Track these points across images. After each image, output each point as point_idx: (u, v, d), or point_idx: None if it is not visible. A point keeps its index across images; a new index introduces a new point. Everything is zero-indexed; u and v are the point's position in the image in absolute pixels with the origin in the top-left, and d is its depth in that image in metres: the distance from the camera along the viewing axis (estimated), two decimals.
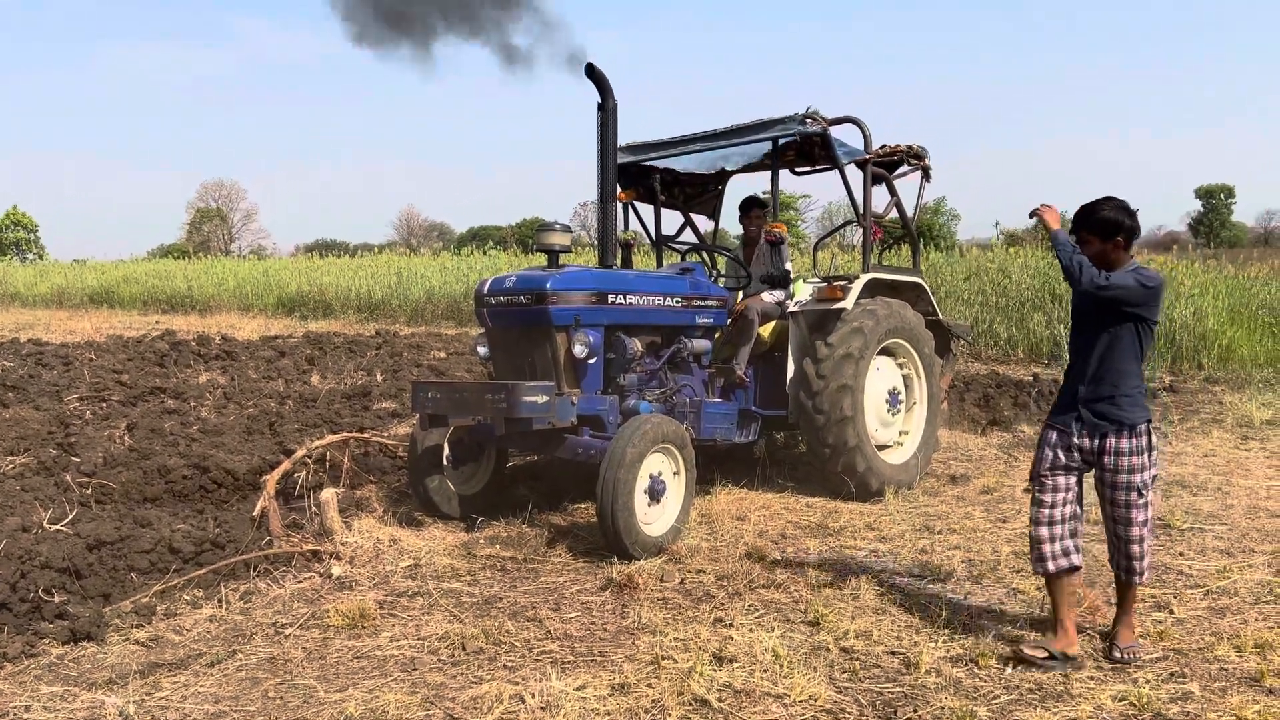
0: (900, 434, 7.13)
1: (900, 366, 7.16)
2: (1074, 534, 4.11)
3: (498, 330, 5.90)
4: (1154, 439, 4.02)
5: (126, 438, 8.05)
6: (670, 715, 3.50)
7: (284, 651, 4.11)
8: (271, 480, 5.62)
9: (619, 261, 6.36)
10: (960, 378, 12.11)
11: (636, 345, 6.00)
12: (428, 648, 4.15)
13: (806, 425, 6.53)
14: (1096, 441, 4.04)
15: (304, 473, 6.29)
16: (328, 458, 6.61)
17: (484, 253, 29.55)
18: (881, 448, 6.88)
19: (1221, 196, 75.56)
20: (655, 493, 5.42)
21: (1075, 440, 4.08)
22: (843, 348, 6.43)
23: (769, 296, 7.15)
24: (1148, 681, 3.79)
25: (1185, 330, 13.99)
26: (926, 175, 7.43)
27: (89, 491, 6.34)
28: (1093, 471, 4.12)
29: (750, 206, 7.58)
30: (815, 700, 3.63)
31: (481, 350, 6.09)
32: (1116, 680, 3.81)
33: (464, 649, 4.12)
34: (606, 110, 6.01)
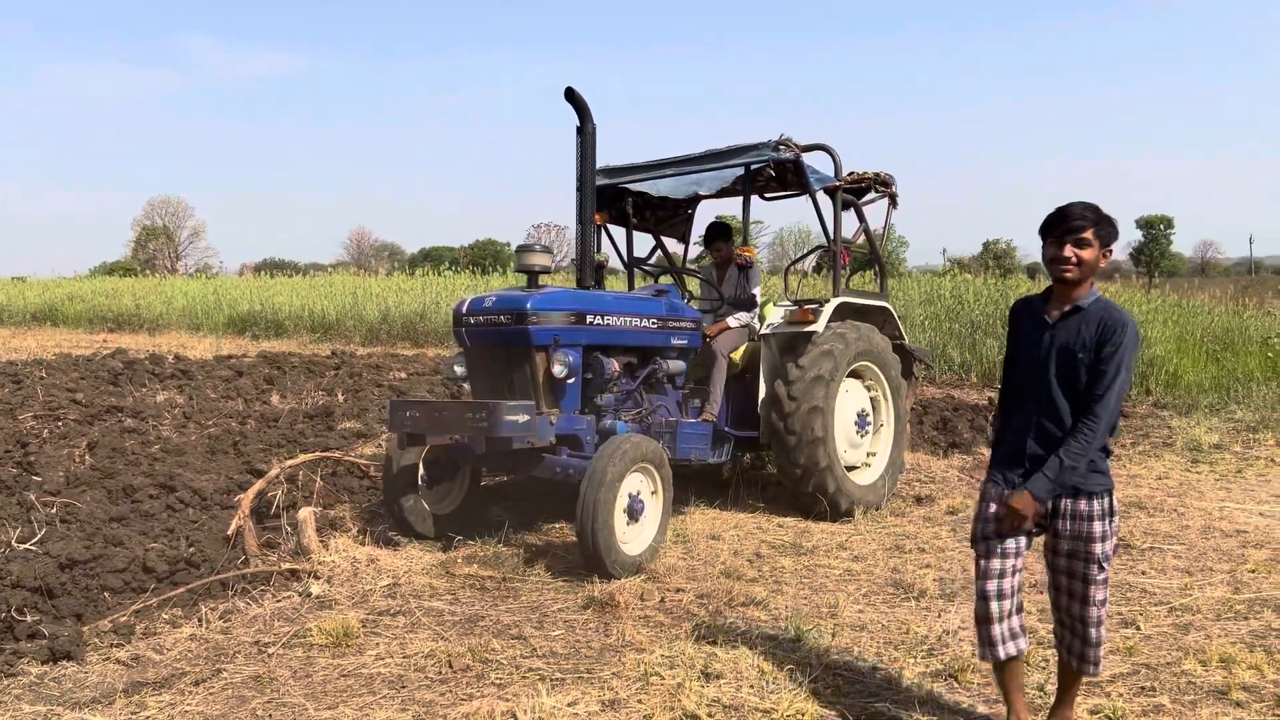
0: (868, 455, 7.25)
1: (868, 389, 7.29)
2: (1020, 608, 3.49)
3: (476, 350, 5.92)
4: (1115, 504, 3.43)
5: (87, 457, 7.92)
6: None
7: (269, 670, 4.09)
8: (246, 499, 5.58)
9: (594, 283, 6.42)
10: (918, 401, 12.30)
11: (614, 365, 6.05)
12: (414, 665, 4.15)
13: (778, 446, 6.62)
14: (1051, 502, 3.37)
15: (278, 492, 6.24)
16: (300, 477, 6.57)
17: (439, 273, 29.42)
18: (850, 469, 6.99)
19: (1161, 227, 77.51)
20: (634, 512, 5.47)
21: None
22: (814, 370, 6.54)
23: (734, 321, 7.25)
24: (1120, 695, 3.90)
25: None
26: (893, 202, 7.61)
27: (54, 511, 6.24)
28: (1043, 538, 3.53)
29: (715, 234, 7.71)
30: (803, 715, 3.69)
31: (458, 369, 6.10)
32: (1091, 695, 3.92)
33: (451, 666, 4.13)
34: (585, 133, 6.08)
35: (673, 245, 8.75)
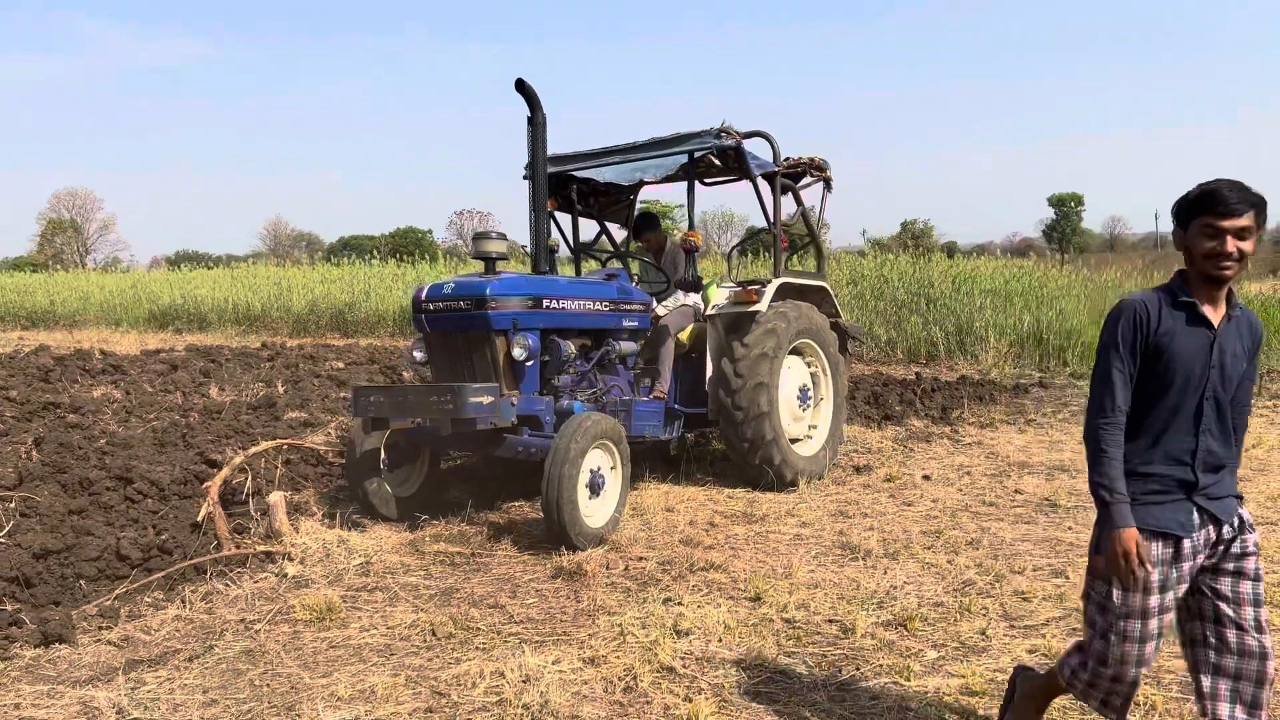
0: (809, 428, 7.60)
1: (808, 365, 7.63)
2: None
3: (436, 335, 6.10)
4: None
5: (34, 452, 7.90)
6: (643, 681, 3.81)
7: (259, 645, 4.26)
8: (214, 487, 5.70)
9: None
10: (849, 378, 12.74)
11: (570, 347, 6.28)
12: (399, 635, 4.36)
13: (726, 421, 6.92)
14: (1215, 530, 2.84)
15: (241, 479, 6.35)
16: (262, 464, 6.68)
17: (366, 262, 29.20)
18: (794, 441, 7.32)
19: (1072, 204, 79.81)
20: (596, 486, 5.72)
21: (1193, 542, 2.81)
22: (758, 348, 6.85)
23: (678, 302, 7.54)
24: (1054, 636, 4.27)
25: (1050, 330, 14.98)
26: (828, 185, 7.96)
27: (12, 505, 6.27)
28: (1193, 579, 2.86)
29: (644, 225, 8.11)
30: (770, 663, 3.99)
31: (418, 354, 6.27)
32: (1027, 637, 4.28)
33: (434, 634, 4.34)
34: (536, 123, 6.28)
35: (611, 230, 8.99)
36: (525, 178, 7.57)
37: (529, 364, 6.03)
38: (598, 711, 3.58)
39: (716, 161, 7.48)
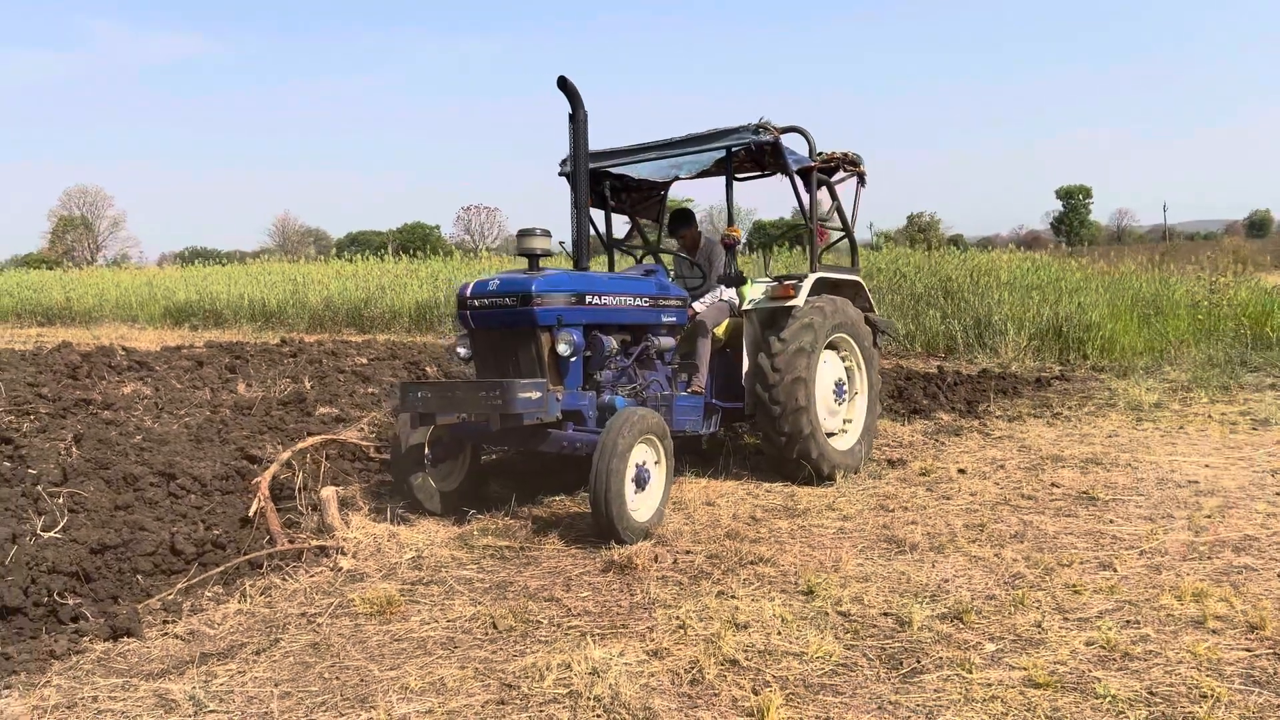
0: (844, 422, 7.63)
1: (843, 359, 7.67)
2: None
3: (481, 331, 6.15)
4: None
5: (74, 449, 7.97)
6: (709, 673, 3.85)
7: (324, 638, 4.31)
8: (264, 482, 5.76)
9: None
10: None
11: (612, 343, 6.33)
12: (460, 628, 4.41)
13: (763, 415, 6.96)
14: None
15: (288, 475, 6.41)
16: (307, 459, 6.73)
17: (380, 258, 29.30)
18: (829, 435, 7.36)
19: (1080, 197, 79.66)
20: (641, 480, 5.77)
21: None
22: (795, 342, 6.89)
23: (714, 297, 7.59)
24: (1109, 627, 4.30)
25: (1070, 323, 14.98)
26: (862, 180, 8.00)
27: (60, 501, 6.33)
28: None
29: (680, 222, 8.18)
30: (831, 656, 4.03)
31: (462, 350, 6.32)
32: (1082, 629, 4.31)
33: (496, 627, 4.39)
34: (578, 121, 6.33)
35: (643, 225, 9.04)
36: (561, 174, 7.64)
37: (573, 360, 6.08)
38: (668, 703, 3.62)
39: (751, 157, 7.52)
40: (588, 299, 6.18)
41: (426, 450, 6.24)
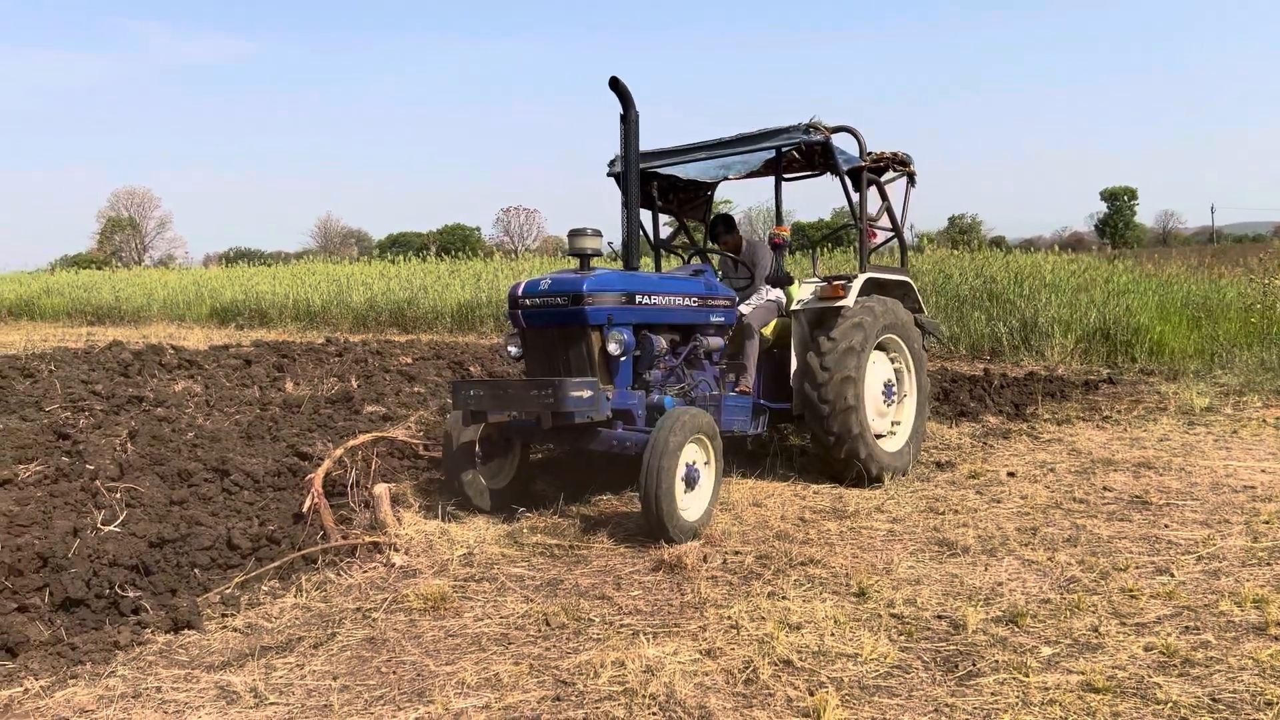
0: (893, 424, 7.59)
1: (892, 360, 7.62)
2: None
3: (532, 331, 6.19)
4: None
5: (129, 445, 8.10)
6: (763, 673, 3.85)
7: (379, 632, 4.36)
8: (318, 479, 5.83)
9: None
10: None
11: (661, 343, 6.34)
12: (514, 625, 4.44)
13: (812, 415, 6.93)
14: None
15: (340, 471, 6.48)
16: (358, 456, 6.80)
17: (421, 259, 29.53)
18: (877, 437, 7.32)
19: (1125, 198, 78.60)
20: (691, 480, 5.77)
21: None
22: (845, 341, 6.86)
23: (763, 297, 7.58)
24: (1168, 633, 4.24)
25: (1118, 326, 14.79)
26: (911, 180, 7.96)
27: (119, 496, 6.45)
28: None
29: (722, 227, 8.17)
30: (886, 658, 4.01)
31: (512, 349, 6.36)
32: (1140, 635, 4.26)
33: (548, 624, 4.41)
34: (629, 121, 6.35)
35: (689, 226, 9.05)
36: (610, 174, 7.67)
37: (623, 359, 6.10)
38: (723, 703, 3.62)
39: (800, 157, 7.50)
40: (638, 299, 6.20)
41: (477, 448, 6.29)
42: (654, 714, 3.53)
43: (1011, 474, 7.38)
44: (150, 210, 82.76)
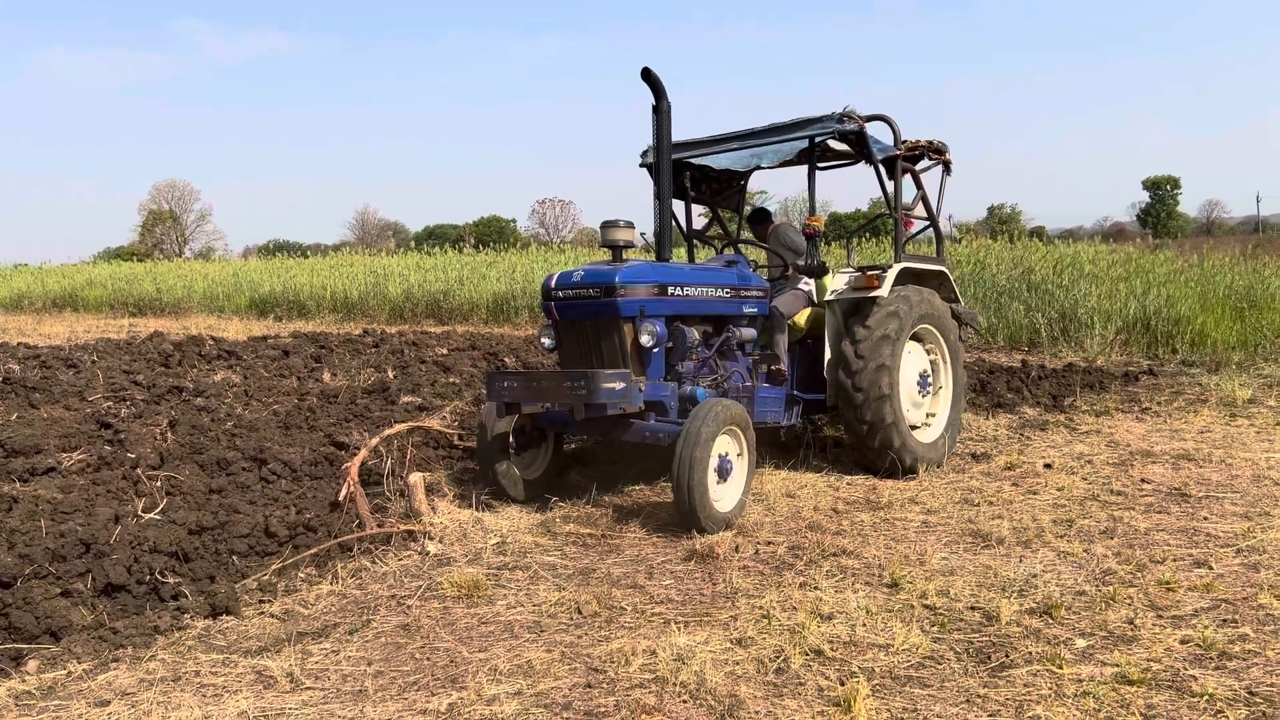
0: (928, 416, 7.55)
1: (928, 352, 7.58)
2: None
3: (566, 322, 6.22)
4: None
5: (169, 434, 8.23)
6: (794, 663, 3.85)
7: (414, 620, 4.40)
8: (354, 468, 5.89)
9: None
10: None
11: (694, 334, 6.35)
12: (546, 613, 4.47)
13: (845, 403, 6.91)
14: None
15: (376, 461, 6.55)
16: (395, 446, 6.87)
17: (458, 250, 29.69)
18: (912, 428, 7.28)
19: (1168, 188, 77.40)
20: (724, 471, 5.78)
21: None
22: (880, 330, 6.83)
23: (795, 287, 7.57)
24: (1205, 626, 4.19)
25: (1159, 316, 14.60)
26: (947, 169, 7.90)
27: (159, 484, 6.55)
28: None
29: (756, 220, 8.19)
30: (918, 649, 4.00)
31: (546, 341, 6.40)
32: (1178, 628, 4.21)
33: (580, 612, 4.44)
34: (661, 112, 6.35)
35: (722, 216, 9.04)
36: (642, 165, 7.67)
37: (655, 350, 6.11)
38: (754, 691, 3.63)
39: (835, 146, 7.47)
40: (670, 290, 6.21)
41: (511, 439, 6.34)
42: (684, 702, 3.54)
43: (1048, 465, 7.32)
44: (190, 203, 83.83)
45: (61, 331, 22.35)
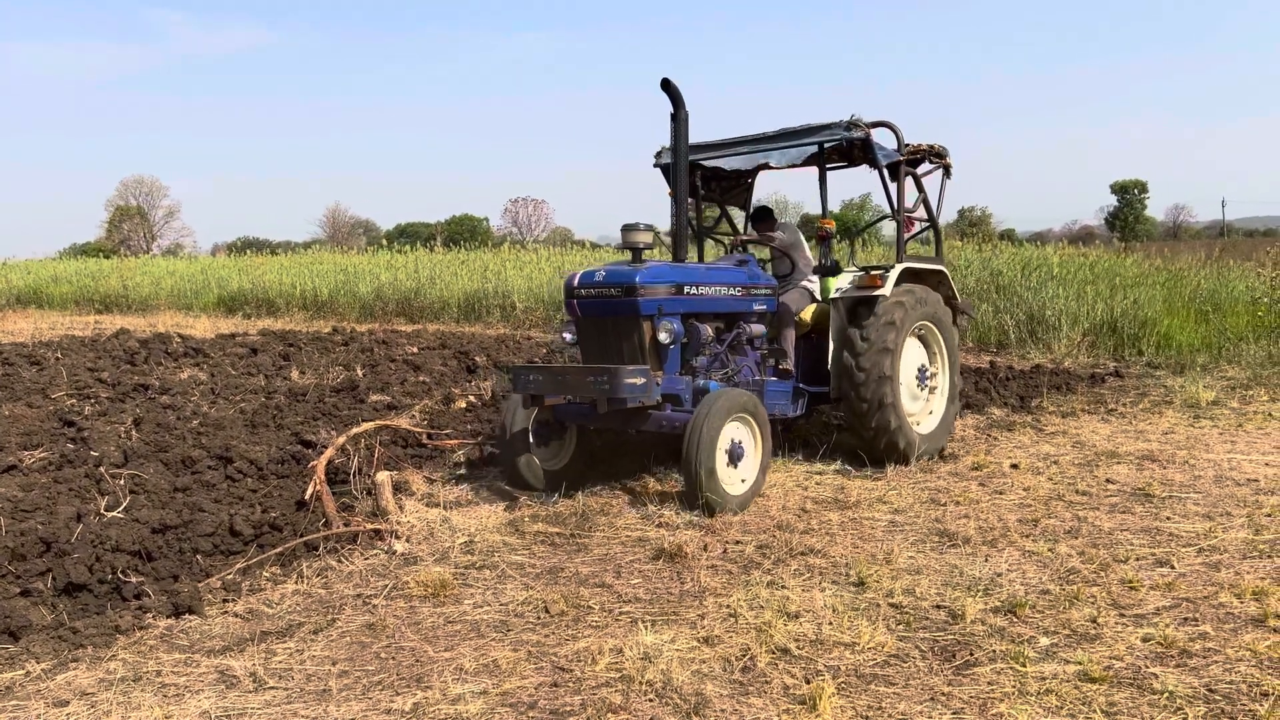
0: (927, 410, 7.89)
1: (930, 355, 7.96)
2: None
3: (587, 319, 6.51)
4: None
5: (134, 432, 8.14)
6: (760, 661, 3.86)
7: (379, 619, 4.37)
8: (320, 467, 5.85)
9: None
10: None
11: (708, 331, 6.68)
12: (513, 612, 4.46)
13: (848, 381, 7.17)
14: None
15: (342, 459, 6.51)
16: (361, 444, 6.83)
17: (429, 249, 29.54)
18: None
19: (1135, 192, 78.32)
20: (735, 456, 6.06)
21: None
22: (886, 317, 7.17)
23: (799, 284, 7.95)
24: (1167, 624, 4.24)
25: (1125, 319, 14.75)
26: (947, 172, 8.18)
27: (122, 482, 6.48)
28: None
29: (759, 218, 8.45)
30: (883, 647, 4.01)
31: (567, 337, 6.75)
32: (1139, 626, 4.26)
33: (548, 611, 4.43)
34: (679, 120, 6.65)
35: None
36: (657, 165, 7.95)
37: (672, 347, 6.42)
38: (720, 690, 3.64)
39: (841, 152, 7.73)
40: (686, 290, 6.53)
41: (531, 431, 6.61)
42: (650, 701, 3.54)
43: (1015, 466, 7.38)
44: (159, 199, 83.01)
45: (25, 328, 22.06)
